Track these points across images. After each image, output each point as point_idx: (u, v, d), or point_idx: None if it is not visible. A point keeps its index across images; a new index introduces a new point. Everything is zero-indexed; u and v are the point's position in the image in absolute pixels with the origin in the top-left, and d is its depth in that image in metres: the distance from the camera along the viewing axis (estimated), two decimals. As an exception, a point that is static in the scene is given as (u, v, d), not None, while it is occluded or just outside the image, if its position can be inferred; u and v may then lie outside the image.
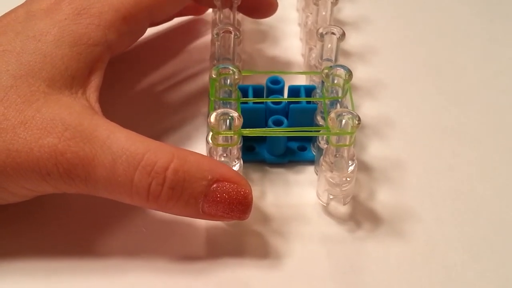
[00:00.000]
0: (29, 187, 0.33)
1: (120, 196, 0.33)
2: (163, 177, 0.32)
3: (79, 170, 0.32)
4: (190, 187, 0.32)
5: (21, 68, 0.34)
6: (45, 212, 0.36)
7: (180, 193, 0.32)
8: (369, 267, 0.35)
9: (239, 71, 0.38)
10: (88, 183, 0.33)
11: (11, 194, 0.34)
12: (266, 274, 0.35)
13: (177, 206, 0.33)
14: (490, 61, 0.48)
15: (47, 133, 0.32)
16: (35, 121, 0.32)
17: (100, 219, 0.37)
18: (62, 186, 0.33)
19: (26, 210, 0.36)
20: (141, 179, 0.32)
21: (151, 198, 0.32)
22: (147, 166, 0.32)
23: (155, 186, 0.32)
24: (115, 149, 0.32)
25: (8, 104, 0.33)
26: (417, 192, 0.39)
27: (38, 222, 0.36)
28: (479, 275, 0.35)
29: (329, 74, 0.38)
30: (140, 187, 0.32)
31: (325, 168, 0.36)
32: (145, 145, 0.32)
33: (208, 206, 0.33)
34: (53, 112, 0.33)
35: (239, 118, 0.35)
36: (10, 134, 0.32)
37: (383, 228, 0.37)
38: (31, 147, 0.32)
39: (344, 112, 0.35)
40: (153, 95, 0.43)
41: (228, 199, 0.33)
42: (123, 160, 0.32)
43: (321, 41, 0.41)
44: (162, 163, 0.32)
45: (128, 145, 0.32)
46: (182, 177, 0.32)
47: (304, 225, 0.37)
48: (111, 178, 0.32)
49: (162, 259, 0.35)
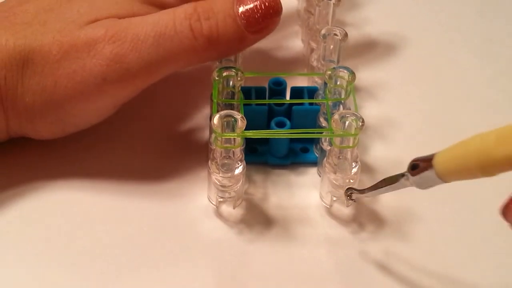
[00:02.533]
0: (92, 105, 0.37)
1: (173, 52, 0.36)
2: (196, 14, 0.37)
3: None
4: (219, 9, 0.37)
5: (90, 7, 0.37)
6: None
7: (216, 19, 0.37)
8: (372, 268, 0.35)
9: (241, 73, 0.37)
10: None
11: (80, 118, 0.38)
12: (269, 275, 0.35)
13: (222, 33, 0.37)
14: (490, 61, 0.48)
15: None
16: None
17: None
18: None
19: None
20: (182, 23, 0.36)
21: (198, 35, 0.36)
22: (181, 14, 0.37)
23: (194, 23, 0.36)
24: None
25: (65, 33, 0.36)
26: (419, 194, 0.39)
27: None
28: (481, 275, 0.35)
29: (332, 75, 0.38)
30: (183, 31, 0.36)
31: (328, 170, 0.36)
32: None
33: (247, 22, 0.37)
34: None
35: (242, 120, 0.35)
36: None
37: (386, 229, 0.37)
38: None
39: (347, 113, 0.35)
40: (155, 96, 0.43)
41: (255, 1, 0.37)
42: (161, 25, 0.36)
43: (324, 42, 0.40)
44: (188, 8, 0.37)
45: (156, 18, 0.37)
46: (209, 4, 0.37)
47: (307, 227, 0.37)
48: (159, 40, 0.36)
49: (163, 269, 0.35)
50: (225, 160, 0.36)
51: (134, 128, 0.40)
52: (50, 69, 0.36)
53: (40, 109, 0.37)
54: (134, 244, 0.36)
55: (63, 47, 0.36)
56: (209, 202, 0.37)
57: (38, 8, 0.38)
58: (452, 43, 0.49)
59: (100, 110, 0.38)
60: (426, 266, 0.35)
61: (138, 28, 0.36)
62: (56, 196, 0.38)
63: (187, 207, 0.38)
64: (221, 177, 0.36)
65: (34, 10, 0.38)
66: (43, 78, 0.36)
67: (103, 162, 0.40)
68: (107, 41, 0.36)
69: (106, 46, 0.36)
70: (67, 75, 0.36)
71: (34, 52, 0.36)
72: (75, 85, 0.36)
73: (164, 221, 0.37)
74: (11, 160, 0.39)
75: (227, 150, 0.36)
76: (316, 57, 0.43)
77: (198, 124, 0.42)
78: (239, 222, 0.37)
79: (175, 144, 0.41)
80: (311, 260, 0.36)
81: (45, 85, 0.36)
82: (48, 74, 0.36)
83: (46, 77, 0.36)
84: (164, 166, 0.39)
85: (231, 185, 0.36)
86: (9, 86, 0.36)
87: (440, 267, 0.35)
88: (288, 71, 0.46)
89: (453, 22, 0.51)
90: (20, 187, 0.38)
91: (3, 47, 0.36)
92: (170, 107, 0.41)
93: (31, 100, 0.36)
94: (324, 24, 0.43)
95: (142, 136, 0.41)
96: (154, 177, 0.39)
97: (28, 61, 0.36)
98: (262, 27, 0.38)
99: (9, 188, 0.38)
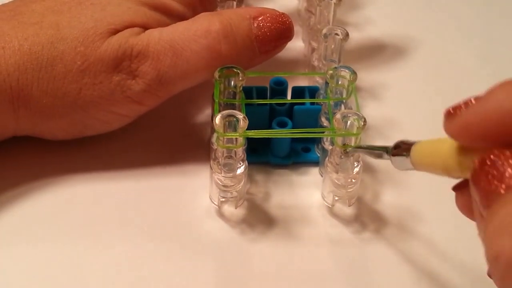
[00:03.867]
0: (115, 109, 0.37)
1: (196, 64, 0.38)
2: (216, 34, 0.37)
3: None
4: (239, 29, 0.38)
5: (104, 14, 0.37)
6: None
7: (234, 38, 0.38)
8: (374, 268, 0.35)
9: (243, 73, 0.37)
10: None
11: (101, 122, 0.38)
12: (271, 275, 0.35)
13: (240, 51, 0.38)
14: (490, 61, 0.48)
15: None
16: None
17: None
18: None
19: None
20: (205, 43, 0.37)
21: (214, 55, 0.37)
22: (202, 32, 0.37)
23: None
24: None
25: (87, 44, 0.36)
26: (421, 194, 0.39)
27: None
28: (482, 275, 0.35)
29: (334, 75, 0.38)
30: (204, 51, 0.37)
31: (330, 169, 0.36)
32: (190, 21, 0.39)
33: (261, 42, 0.38)
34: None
35: (244, 119, 0.35)
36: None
37: (388, 229, 0.37)
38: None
39: (349, 113, 0.35)
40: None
41: (271, 26, 0.39)
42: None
43: (325, 42, 0.40)
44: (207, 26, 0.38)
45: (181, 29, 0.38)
46: (229, 25, 0.38)
47: (309, 227, 0.37)
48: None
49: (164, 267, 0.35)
50: (227, 160, 0.36)
51: (136, 128, 0.40)
52: (73, 77, 0.36)
53: (60, 111, 0.37)
54: (134, 244, 0.36)
55: (89, 59, 0.36)
56: (211, 202, 0.37)
57: (45, 8, 0.38)
58: (453, 43, 0.49)
59: (126, 117, 0.39)
60: (428, 265, 0.35)
61: (174, 43, 0.37)
62: (51, 198, 0.38)
63: (188, 207, 0.38)
64: (223, 177, 0.36)
65: (41, 10, 0.38)
66: (66, 84, 0.36)
67: (104, 162, 0.39)
68: (134, 57, 0.37)
69: (137, 64, 0.37)
70: (93, 85, 0.36)
71: (55, 59, 0.36)
72: (101, 93, 0.37)
73: (166, 220, 0.37)
74: (15, 158, 0.39)
75: (229, 150, 0.35)
76: (317, 57, 0.43)
77: (200, 124, 0.42)
78: (241, 222, 0.37)
79: (177, 144, 0.41)
80: (313, 260, 0.36)
81: (68, 90, 0.36)
82: (72, 82, 0.36)
83: (69, 84, 0.36)
84: (165, 166, 0.39)
85: (233, 185, 0.36)
86: (22, 87, 0.36)
87: (442, 267, 0.35)
88: (289, 71, 0.46)
89: (454, 22, 0.51)
90: (22, 186, 0.38)
91: (16, 51, 0.36)
92: (172, 106, 0.41)
93: (50, 102, 0.36)
94: (325, 24, 0.43)
95: (143, 136, 0.41)
96: (155, 177, 0.39)
97: (46, 67, 0.36)
98: (273, 48, 0.39)
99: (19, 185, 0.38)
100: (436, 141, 0.28)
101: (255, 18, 0.39)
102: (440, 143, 0.27)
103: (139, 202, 0.38)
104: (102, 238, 0.36)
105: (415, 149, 0.29)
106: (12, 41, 0.36)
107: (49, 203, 0.37)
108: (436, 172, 0.28)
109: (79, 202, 0.37)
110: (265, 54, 0.39)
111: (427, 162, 0.28)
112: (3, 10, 0.38)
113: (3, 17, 0.37)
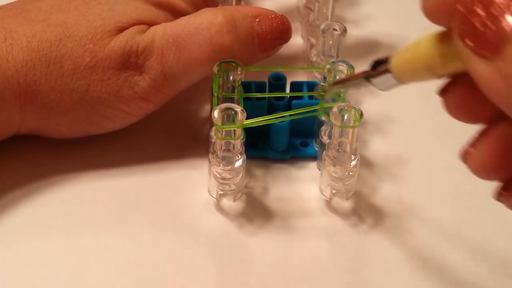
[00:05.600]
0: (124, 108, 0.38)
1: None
2: (220, 27, 0.38)
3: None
4: (242, 24, 0.39)
5: (112, 13, 0.38)
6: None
7: (237, 32, 0.38)
8: (371, 261, 0.36)
9: (241, 67, 0.38)
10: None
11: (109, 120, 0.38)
12: (269, 268, 0.35)
13: (243, 46, 0.39)
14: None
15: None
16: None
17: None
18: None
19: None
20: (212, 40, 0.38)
21: (217, 48, 0.38)
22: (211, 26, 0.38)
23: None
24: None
25: (95, 42, 0.37)
26: (418, 188, 0.39)
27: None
28: (480, 270, 0.35)
29: (331, 69, 0.38)
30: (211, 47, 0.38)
31: (328, 163, 0.36)
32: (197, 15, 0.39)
33: (261, 39, 0.39)
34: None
35: (242, 112, 0.35)
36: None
37: (385, 222, 0.37)
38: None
39: (346, 106, 0.35)
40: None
41: (272, 25, 0.39)
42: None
43: (323, 37, 0.41)
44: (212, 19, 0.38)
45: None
46: (232, 19, 0.38)
47: (307, 220, 0.37)
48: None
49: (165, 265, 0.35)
50: (225, 153, 0.36)
51: (135, 123, 0.40)
52: (82, 74, 0.37)
53: (67, 107, 0.37)
54: (133, 238, 0.36)
55: (97, 56, 0.37)
56: (209, 195, 0.38)
57: (51, 6, 0.38)
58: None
59: (132, 116, 0.39)
60: (425, 259, 0.36)
61: (181, 38, 0.38)
62: (52, 197, 0.38)
63: (187, 200, 0.38)
64: (221, 170, 0.36)
65: (47, 8, 0.38)
66: (74, 80, 0.37)
67: (103, 157, 0.40)
68: (140, 53, 0.37)
69: (143, 60, 0.37)
70: (101, 81, 0.37)
71: (63, 56, 0.37)
72: (109, 90, 0.37)
73: (165, 214, 0.37)
74: (16, 158, 0.39)
75: (227, 143, 0.36)
76: (316, 53, 0.43)
77: (199, 118, 0.42)
78: (239, 215, 0.37)
79: (176, 138, 0.41)
80: (311, 253, 0.36)
81: (76, 87, 0.37)
82: (80, 78, 0.37)
83: (77, 80, 0.37)
84: (164, 160, 0.40)
85: (231, 178, 0.36)
86: (29, 83, 0.36)
87: (439, 261, 0.36)
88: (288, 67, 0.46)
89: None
90: (25, 185, 0.38)
91: (24, 47, 0.36)
92: (171, 102, 0.41)
93: (58, 98, 0.37)
94: (323, 20, 0.44)
95: (142, 130, 0.41)
96: (154, 171, 0.39)
97: (55, 63, 0.37)
98: (272, 47, 0.40)
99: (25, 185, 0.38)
100: (412, 46, 0.27)
101: (256, 16, 0.39)
102: (417, 46, 0.27)
103: (138, 196, 0.38)
104: (102, 234, 0.36)
105: (394, 61, 0.28)
106: (20, 38, 0.36)
107: (50, 202, 0.37)
108: (422, 76, 0.27)
109: (79, 200, 0.38)
110: (264, 52, 0.40)
111: (409, 69, 0.27)
112: (9, 8, 0.38)
113: (9, 15, 0.38)
